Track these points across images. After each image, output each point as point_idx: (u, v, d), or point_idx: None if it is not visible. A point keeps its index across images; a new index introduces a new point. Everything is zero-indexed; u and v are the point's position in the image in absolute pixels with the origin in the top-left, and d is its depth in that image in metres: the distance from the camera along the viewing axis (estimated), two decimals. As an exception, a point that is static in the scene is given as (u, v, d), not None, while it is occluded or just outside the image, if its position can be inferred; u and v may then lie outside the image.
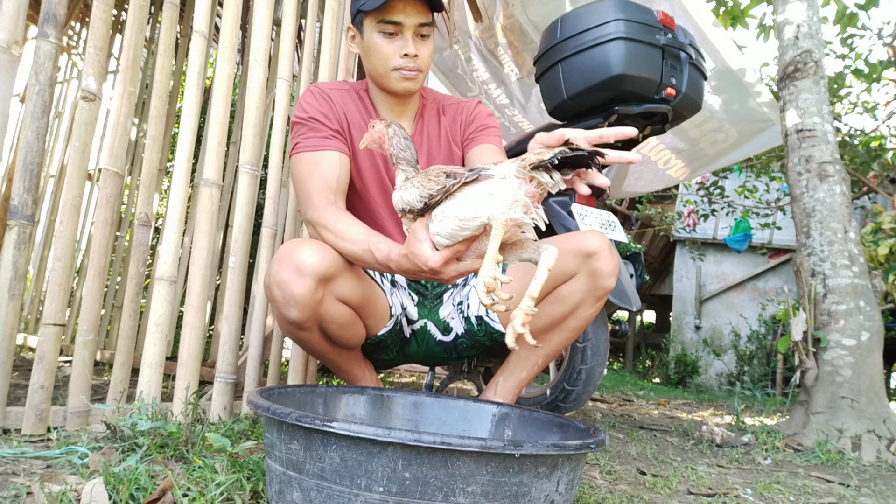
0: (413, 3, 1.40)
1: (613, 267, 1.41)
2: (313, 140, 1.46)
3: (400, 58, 1.43)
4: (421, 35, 1.44)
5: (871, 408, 2.17)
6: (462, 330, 1.59)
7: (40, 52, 1.37)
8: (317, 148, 1.45)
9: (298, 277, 1.27)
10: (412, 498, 0.79)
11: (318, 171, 1.43)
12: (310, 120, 1.48)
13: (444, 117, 1.63)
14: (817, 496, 1.48)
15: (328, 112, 1.50)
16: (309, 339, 1.43)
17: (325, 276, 1.30)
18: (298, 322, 1.34)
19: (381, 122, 1.24)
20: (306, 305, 1.30)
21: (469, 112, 1.64)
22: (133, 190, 3.16)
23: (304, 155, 1.46)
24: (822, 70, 2.52)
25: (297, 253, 1.29)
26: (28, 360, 2.58)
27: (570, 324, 1.47)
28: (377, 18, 1.42)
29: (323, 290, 1.31)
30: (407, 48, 1.42)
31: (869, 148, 5.44)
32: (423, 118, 1.61)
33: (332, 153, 1.46)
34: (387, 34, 1.43)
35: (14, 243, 1.32)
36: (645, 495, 1.30)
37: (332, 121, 1.49)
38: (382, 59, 1.45)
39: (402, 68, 1.44)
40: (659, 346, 9.17)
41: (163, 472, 1.07)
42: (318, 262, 1.28)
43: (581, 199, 2.12)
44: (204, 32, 1.60)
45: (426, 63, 1.47)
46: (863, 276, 2.32)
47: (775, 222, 6.44)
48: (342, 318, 1.39)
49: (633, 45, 1.94)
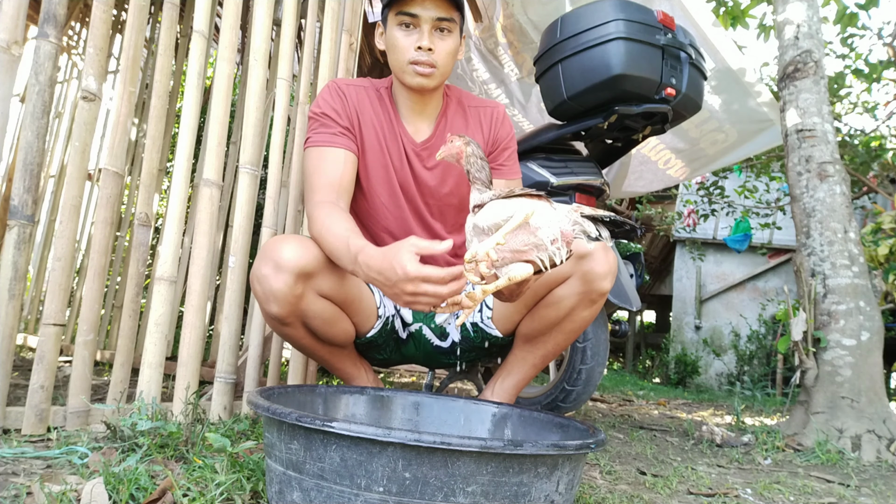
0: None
1: (608, 268, 1.39)
2: (323, 136, 1.47)
3: (415, 51, 1.42)
4: (440, 29, 1.42)
5: (871, 408, 2.17)
6: (459, 337, 1.59)
7: (40, 52, 1.37)
8: (325, 144, 1.47)
9: (277, 273, 1.29)
10: (412, 498, 0.79)
11: (323, 167, 1.44)
12: (322, 115, 1.49)
13: (470, 118, 1.59)
14: (817, 496, 1.48)
15: (340, 108, 1.50)
16: (293, 334, 1.44)
17: (304, 272, 1.31)
18: (279, 317, 1.35)
19: (459, 138, 1.24)
20: (285, 300, 1.32)
21: (497, 124, 1.60)
22: (133, 190, 3.16)
23: (314, 150, 1.47)
24: (822, 70, 2.52)
25: (277, 249, 1.31)
26: (28, 360, 2.58)
27: (567, 326, 1.47)
28: (397, 10, 1.41)
29: (303, 285, 1.32)
30: (421, 41, 1.41)
31: (869, 148, 5.44)
32: (447, 117, 1.57)
33: (338, 150, 1.47)
34: (405, 26, 1.42)
35: (14, 243, 1.32)
36: (645, 495, 1.30)
37: (342, 117, 1.49)
38: (399, 51, 1.44)
39: (416, 62, 1.42)
40: (659, 346, 9.17)
41: (163, 472, 1.07)
42: (298, 257, 1.29)
43: (581, 199, 2.12)
44: (204, 32, 1.60)
45: (443, 60, 1.44)
46: (863, 276, 2.32)
47: (775, 222, 6.44)
48: (324, 313, 1.40)
49: (633, 45, 1.94)
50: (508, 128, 1.62)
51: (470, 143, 1.22)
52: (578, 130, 2.15)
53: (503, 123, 1.61)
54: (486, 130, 1.59)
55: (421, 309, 1.12)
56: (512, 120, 3.58)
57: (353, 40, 2.09)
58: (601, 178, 2.17)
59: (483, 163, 1.20)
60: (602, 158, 2.43)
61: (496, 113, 1.61)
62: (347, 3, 2.05)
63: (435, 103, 1.55)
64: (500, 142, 1.60)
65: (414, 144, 1.54)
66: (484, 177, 1.19)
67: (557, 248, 1.04)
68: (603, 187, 2.18)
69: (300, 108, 1.94)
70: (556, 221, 1.04)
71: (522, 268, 1.06)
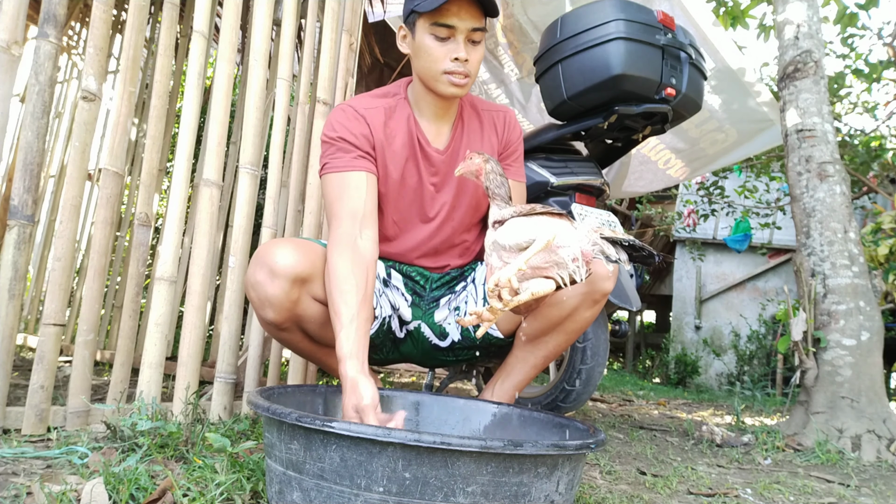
0: (468, 7, 1.36)
1: (611, 269, 1.40)
2: (341, 160, 1.42)
3: (451, 62, 1.39)
4: (473, 41, 1.40)
5: (871, 408, 2.17)
6: (459, 336, 1.59)
7: (40, 52, 1.37)
8: (344, 168, 1.42)
9: (273, 279, 1.29)
10: (412, 498, 0.79)
11: (345, 195, 1.39)
12: (338, 139, 1.44)
13: (485, 121, 1.59)
14: (817, 496, 1.48)
15: (356, 130, 1.45)
16: (290, 339, 1.43)
17: (299, 277, 1.30)
18: (275, 323, 1.35)
19: (479, 155, 1.25)
20: (281, 307, 1.31)
21: (509, 127, 1.60)
22: (133, 190, 3.16)
23: (333, 176, 1.42)
24: (822, 70, 2.52)
25: (271, 254, 1.29)
26: (28, 360, 2.57)
27: (569, 326, 1.47)
28: (431, 20, 1.37)
29: (298, 290, 1.32)
30: (458, 52, 1.38)
31: (869, 148, 5.44)
32: (463, 121, 1.57)
33: (359, 174, 1.42)
34: (439, 38, 1.38)
35: (14, 243, 1.32)
36: (645, 495, 1.30)
37: (359, 139, 1.45)
38: (433, 61, 1.40)
39: (452, 72, 1.40)
40: (659, 346, 9.17)
41: (163, 472, 1.07)
42: (293, 263, 1.28)
43: (581, 199, 2.11)
44: (204, 32, 1.60)
45: (475, 69, 1.43)
46: (863, 276, 2.32)
47: (775, 222, 6.43)
48: (321, 317, 1.39)
49: (633, 45, 1.93)
50: (518, 132, 1.63)
51: (489, 161, 1.24)
52: (578, 130, 2.15)
53: (514, 127, 1.62)
54: (500, 133, 1.59)
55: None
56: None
57: (353, 40, 2.09)
58: (601, 178, 2.17)
59: (502, 179, 1.22)
60: (602, 158, 2.43)
61: (507, 117, 1.62)
62: (347, 3, 2.05)
63: (455, 107, 1.55)
64: (510, 144, 1.61)
65: (433, 149, 1.53)
66: (503, 193, 1.21)
67: (577, 266, 1.05)
68: (603, 187, 2.18)
69: (300, 108, 1.94)
70: (577, 241, 1.05)
71: (544, 283, 1.07)
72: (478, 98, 1.65)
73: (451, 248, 1.60)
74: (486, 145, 1.57)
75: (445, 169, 1.54)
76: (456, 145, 1.54)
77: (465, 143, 1.55)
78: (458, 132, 1.55)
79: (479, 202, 1.58)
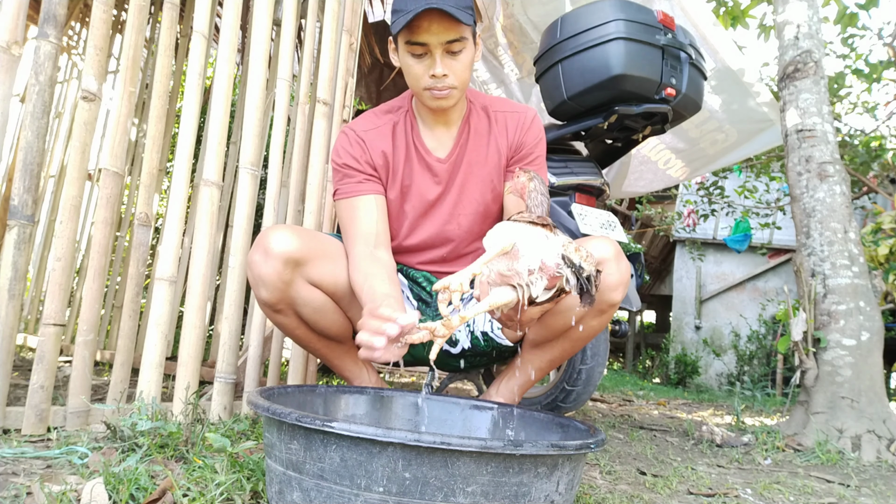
0: (439, 20, 1.34)
1: (620, 278, 1.36)
2: (349, 185, 1.50)
3: (429, 78, 1.40)
4: (451, 52, 1.39)
5: (871, 408, 2.17)
6: (468, 344, 1.60)
7: (40, 52, 1.38)
8: (353, 194, 1.49)
9: (266, 259, 1.34)
10: (412, 498, 0.79)
11: (357, 218, 1.47)
12: (344, 166, 1.51)
13: (494, 125, 1.57)
14: (817, 496, 1.48)
15: (359, 156, 1.50)
16: (286, 322, 1.46)
17: (293, 259, 1.34)
18: (269, 302, 1.39)
19: (524, 174, 1.24)
20: (274, 286, 1.36)
21: (524, 129, 1.57)
22: (133, 190, 3.16)
23: (344, 202, 1.50)
24: (822, 70, 2.52)
25: (267, 236, 1.35)
26: (28, 360, 2.58)
27: (575, 335, 1.46)
28: (405, 39, 1.38)
29: (291, 272, 1.36)
30: (434, 69, 1.38)
31: (869, 148, 5.44)
32: (469, 125, 1.56)
33: (368, 198, 1.49)
34: (415, 55, 1.39)
35: (14, 243, 1.32)
36: (645, 495, 1.30)
37: (362, 164, 1.50)
38: (414, 79, 1.42)
39: (431, 88, 1.41)
40: (659, 346, 9.16)
41: (163, 472, 1.07)
42: (287, 244, 1.33)
43: (581, 199, 2.12)
44: (204, 32, 1.60)
45: (460, 77, 1.41)
46: (863, 276, 2.32)
47: (775, 222, 6.43)
48: (315, 302, 1.42)
49: (633, 45, 1.94)
50: (536, 133, 1.59)
51: (533, 179, 1.23)
52: (578, 130, 2.15)
53: (531, 129, 1.58)
54: (510, 135, 1.57)
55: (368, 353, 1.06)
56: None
57: (353, 40, 2.09)
58: (601, 178, 2.17)
59: (543, 198, 1.21)
60: (602, 158, 2.44)
61: (524, 118, 1.58)
62: (347, 3, 2.05)
63: (458, 112, 1.54)
64: (524, 146, 1.57)
65: (435, 159, 1.53)
66: (541, 211, 1.18)
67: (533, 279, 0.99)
68: (603, 187, 2.18)
69: (300, 108, 1.94)
70: (540, 253, 0.99)
71: (505, 293, 1.01)
72: (497, 99, 1.62)
73: (460, 258, 1.61)
74: (490, 149, 1.55)
75: (448, 177, 1.54)
76: (459, 153, 1.54)
77: (468, 150, 1.55)
78: (462, 139, 1.55)
79: (486, 210, 1.57)
